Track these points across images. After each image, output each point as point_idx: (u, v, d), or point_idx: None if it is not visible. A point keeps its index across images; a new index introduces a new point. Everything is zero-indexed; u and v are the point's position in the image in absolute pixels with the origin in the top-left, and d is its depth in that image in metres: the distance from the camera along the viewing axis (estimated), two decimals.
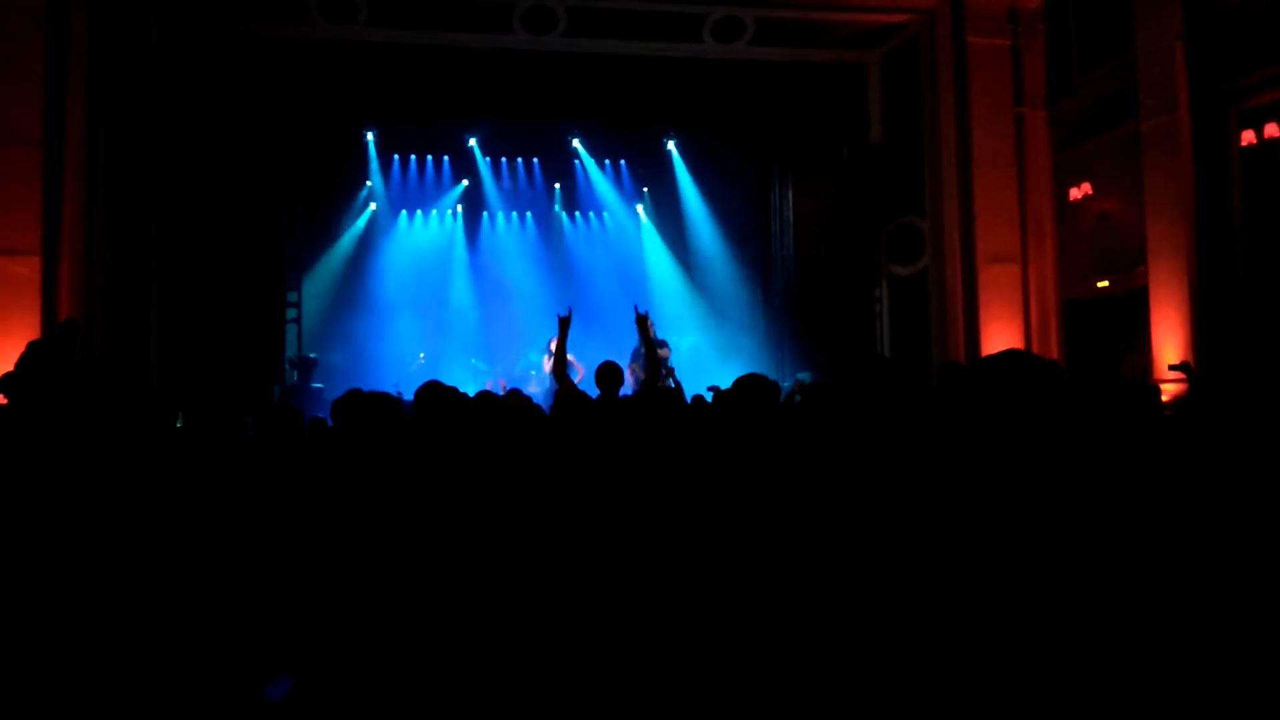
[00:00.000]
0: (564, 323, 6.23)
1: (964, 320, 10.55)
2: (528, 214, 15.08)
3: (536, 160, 14.74)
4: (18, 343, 8.02)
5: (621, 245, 15.23)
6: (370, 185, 14.25)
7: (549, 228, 15.19)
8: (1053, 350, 10.32)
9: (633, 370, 10.56)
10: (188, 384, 10.07)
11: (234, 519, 3.17)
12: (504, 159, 14.59)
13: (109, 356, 9.20)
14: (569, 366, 6.20)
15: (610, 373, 5.45)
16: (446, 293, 14.79)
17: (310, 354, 12.35)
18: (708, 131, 13.59)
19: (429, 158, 14.50)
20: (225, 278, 11.14)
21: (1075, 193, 10.11)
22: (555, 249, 15.11)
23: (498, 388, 12.14)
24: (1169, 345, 8.43)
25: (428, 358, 13.78)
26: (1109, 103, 9.60)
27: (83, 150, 8.97)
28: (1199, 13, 8.41)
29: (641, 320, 6.60)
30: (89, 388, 3.25)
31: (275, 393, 11.42)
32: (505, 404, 4.47)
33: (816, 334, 12.57)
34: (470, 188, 14.73)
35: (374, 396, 3.64)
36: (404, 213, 14.67)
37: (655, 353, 6.36)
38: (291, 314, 12.35)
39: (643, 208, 15.28)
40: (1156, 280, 8.68)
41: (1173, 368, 7.49)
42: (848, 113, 12.17)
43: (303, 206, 12.54)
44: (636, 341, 10.47)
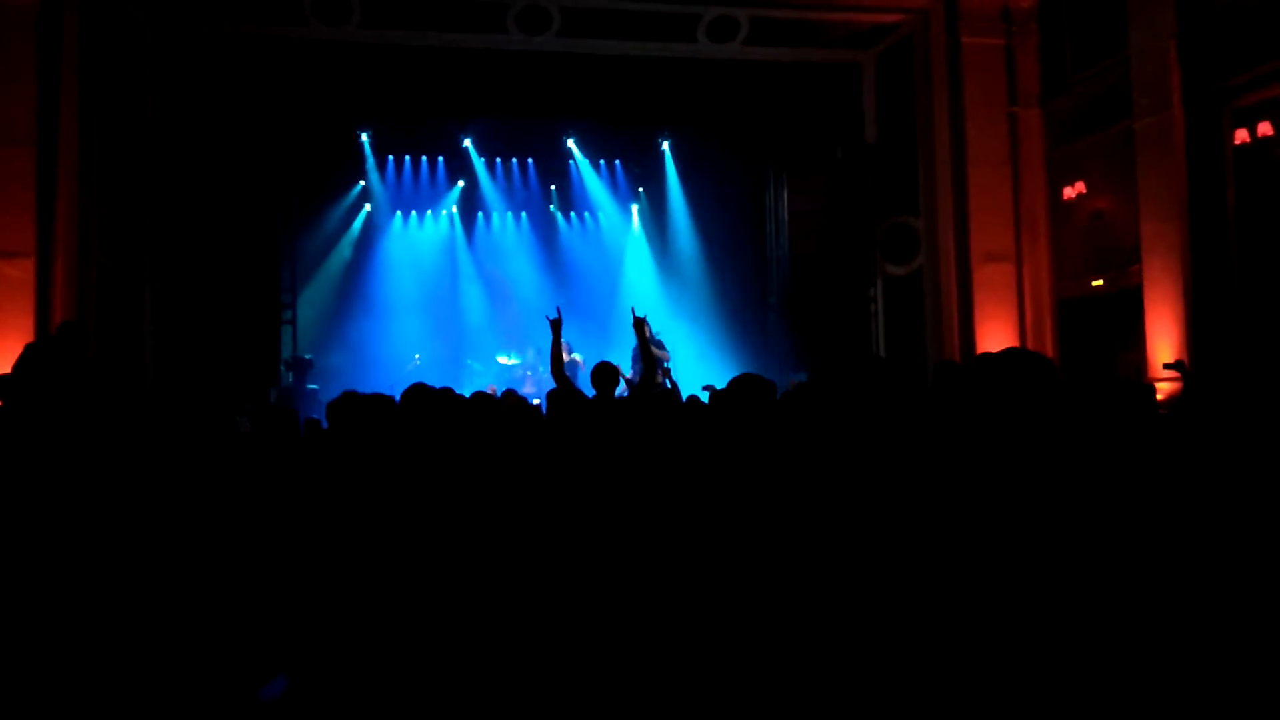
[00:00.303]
0: (555, 325, 6.22)
1: (959, 319, 10.56)
2: (523, 214, 15.06)
3: (531, 160, 14.73)
4: (13, 344, 8.02)
5: (616, 245, 15.24)
6: (365, 185, 14.25)
7: (544, 228, 15.18)
8: (1047, 349, 10.32)
9: (664, 371, 10.42)
10: (182, 385, 10.05)
11: (229, 520, 3.17)
12: (499, 159, 14.58)
13: (104, 358, 9.19)
14: (569, 364, 6.19)
15: (605, 373, 5.44)
16: (442, 293, 14.78)
17: (305, 355, 12.34)
18: (703, 131, 13.60)
19: (424, 158, 14.48)
20: (220, 279, 11.13)
21: (1069, 191, 10.13)
22: (550, 249, 15.10)
23: (518, 382, 12.15)
24: (1163, 344, 8.44)
25: (424, 358, 13.76)
26: (1102, 101, 9.62)
27: (77, 151, 8.96)
28: (1192, 11, 8.43)
29: (638, 323, 6.60)
30: (84, 389, 3.25)
31: (271, 395, 11.40)
32: (501, 405, 4.47)
33: (812, 333, 12.57)
34: (465, 188, 14.73)
35: (369, 398, 3.64)
36: (399, 213, 14.67)
37: (652, 354, 6.36)
38: (286, 315, 12.35)
39: (638, 208, 15.28)
40: (1151, 279, 8.70)
41: (1167, 366, 7.47)
42: (842, 112, 12.18)
43: (297, 207, 12.54)
44: (634, 342, 10.44)
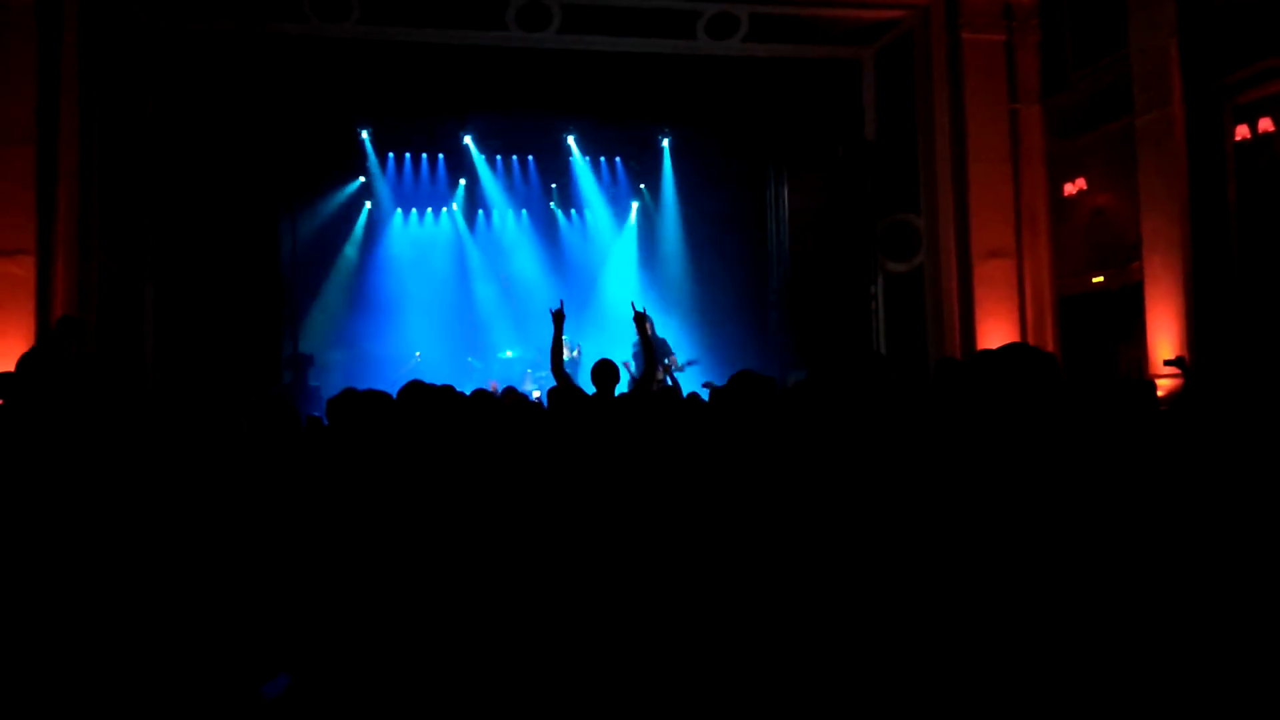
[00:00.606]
0: (557, 317, 6.18)
1: (959, 316, 10.55)
2: (523, 211, 15.04)
3: (532, 158, 14.69)
4: (13, 342, 8.03)
5: (616, 242, 15.23)
6: (365, 183, 14.23)
7: (545, 225, 15.16)
8: (1048, 345, 10.32)
9: (664, 368, 10.36)
10: (183, 383, 10.05)
11: (230, 517, 3.17)
12: (499, 156, 14.55)
13: (104, 355, 9.19)
14: (569, 361, 6.17)
15: (606, 370, 5.43)
16: (443, 291, 14.77)
17: (306, 352, 12.33)
18: (702, 128, 13.55)
19: (424, 155, 14.46)
20: (220, 276, 11.11)
21: (1070, 188, 10.12)
22: (551, 246, 15.09)
23: (518, 379, 12.13)
24: (1164, 340, 8.44)
25: (424, 356, 13.76)
26: (1103, 98, 9.60)
27: (77, 149, 8.94)
28: (1192, 7, 8.42)
29: (639, 318, 6.59)
30: (85, 386, 3.25)
31: (272, 392, 11.40)
32: (501, 402, 4.48)
33: (812, 331, 12.54)
34: (466, 185, 14.72)
35: (367, 395, 3.64)
36: (399, 210, 14.66)
37: (653, 350, 6.35)
38: (287, 312, 12.34)
39: (638, 205, 15.27)
40: (1151, 275, 8.69)
41: (1168, 363, 7.47)
42: (842, 109, 12.15)
43: (298, 205, 12.53)
44: (635, 338, 10.41)
